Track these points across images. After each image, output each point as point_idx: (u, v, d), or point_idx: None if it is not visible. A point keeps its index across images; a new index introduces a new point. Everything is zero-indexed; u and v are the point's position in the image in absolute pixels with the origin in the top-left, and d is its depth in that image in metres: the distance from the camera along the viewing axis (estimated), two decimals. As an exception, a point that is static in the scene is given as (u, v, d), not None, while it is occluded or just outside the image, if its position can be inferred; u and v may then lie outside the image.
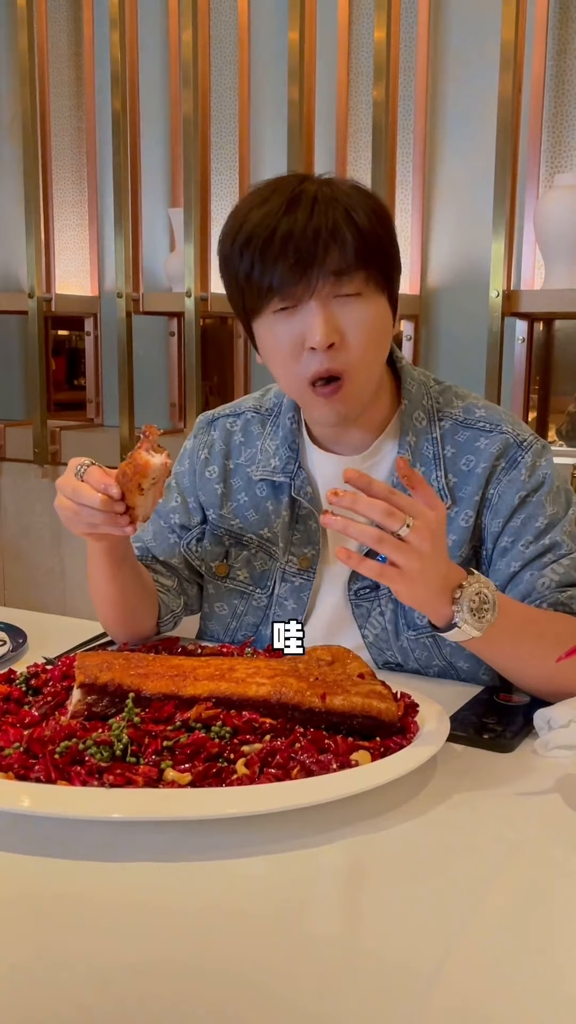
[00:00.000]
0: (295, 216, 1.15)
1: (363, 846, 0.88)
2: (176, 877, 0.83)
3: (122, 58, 2.74)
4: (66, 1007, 0.67)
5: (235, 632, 1.42)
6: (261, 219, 1.16)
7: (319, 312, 1.16)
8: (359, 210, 1.17)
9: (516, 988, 0.69)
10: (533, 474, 1.27)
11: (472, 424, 1.30)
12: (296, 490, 1.34)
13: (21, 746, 0.95)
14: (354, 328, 1.18)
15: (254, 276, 1.18)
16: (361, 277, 1.17)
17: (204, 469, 1.43)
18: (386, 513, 1.00)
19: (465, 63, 2.49)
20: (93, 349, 3.20)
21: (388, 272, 1.20)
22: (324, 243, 1.14)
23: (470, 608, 1.04)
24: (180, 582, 1.44)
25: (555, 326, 2.56)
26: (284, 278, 1.15)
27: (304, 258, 1.14)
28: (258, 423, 1.41)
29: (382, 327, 1.22)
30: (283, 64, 2.55)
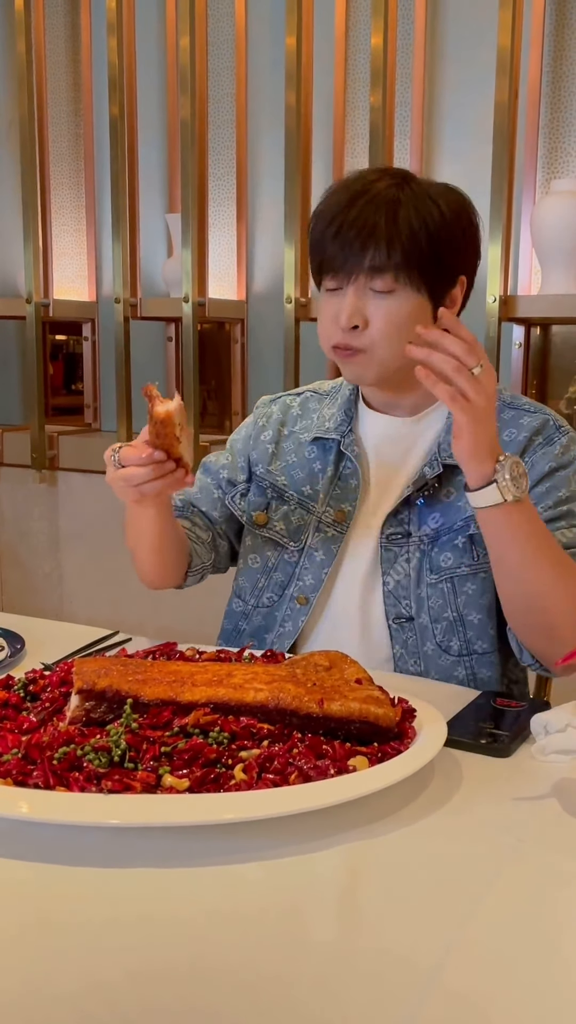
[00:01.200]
0: (350, 213, 1.29)
1: (361, 851, 0.88)
2: (174, 882, 0.83)
3: (120, 63, 2.74)
4: (65, 1013, 0.67)
5: (261, 592, 1.49)
6: (329, 206, 1.32)
7: (351, 299, 1.30)
8: (410, 215, 1.28)
9: (514, 992, 0.69)
10: (566, 452, 1.37)
11: (518, 406, 1.41)
12: (345, 446, 1.44)
13: (19, 752, 0.95)
14: (380, 318, 1.30)
15: (315, 252, 1.34)
16: (392, 276, 1.28)
17: (260, 434, 1.54)
18: (466, 351, 1.13)
19: (462, 69, 2.50)
20: (91, 354, 3.21)
21: (430, 274, 1.30)
22: (363, 242, 1.28)
23: (511, 472, 1.16)
24: (214, 537, 1.54)
25: (552, 331, 2.56)
26: (332, 262, 1.31)
27: (346, 251, 1.29)
28: (316, 400, 1.54)
29: (411, 322, 1.30)
30: (280, 70, 2.56)
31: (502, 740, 1.07)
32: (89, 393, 3.24)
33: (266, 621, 1.47)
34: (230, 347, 2.95)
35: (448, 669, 1.37)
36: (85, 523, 3.03)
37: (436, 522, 1.38)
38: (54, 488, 3.09)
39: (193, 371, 2.71)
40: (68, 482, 3.06)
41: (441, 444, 1.38)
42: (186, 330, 2.70)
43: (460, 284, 1.36)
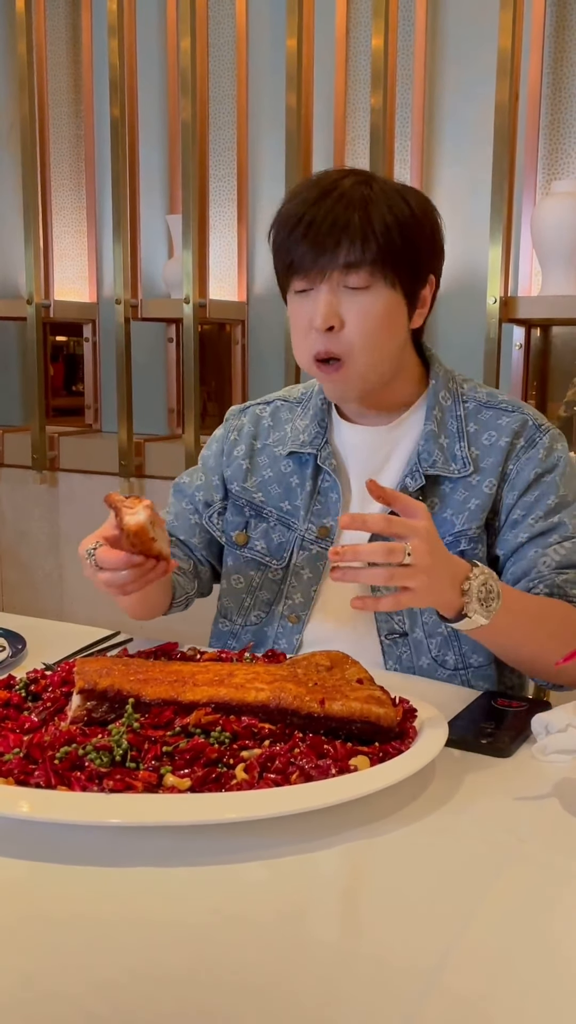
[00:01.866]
0: (320, 208, 1.25)
1: (362, 851, 0.88)
2: (176, 882, 0.83)
3: (121, 65, 2.74)
4: (67, 1012, 0.67)
5: (248, 611, 1.46)
6: (294, 207, 1.28)
7: (325, 297, 1.27)
8: (383, 211, 1.25)
9: (515, 991, 0.69)
10: (550, 455, 1.35)
11: (495, 405, 1.39)
12: (322, 460, 1.41)
13: (21, 751, 0.95)
14: (356, 317, 1.27)
15: (281, 256, 1.30)
16: (368, 272, 1.25)
17: (232, 449, 1.50)
18: (386, 553, 1.05)
19: (462, 71, 2.50)
20: (91, 355, 3.21)
21: (404, 270, 1.27)
22: (336, 238, 1.24)
23: (479, 599, 1.12)
24: (195, 564, 1.51)
25: (552, 332, 2.57)
26: (302, 261, 1.27)
27: (318, 247, 1.25)
28: (287, 410, 1.49)
29: (388, 319, 1.28)
30: (281, 71, 2.56)
31: (503, 740, 1.08)
32: (90, 394, 3.24)
33: (256, 639, 1.45)
34: (231, 348, 2.95)
35: (444, 682, 1.36)
36: (85, 524, 3.01)
37: None
38: (54, 489, 3.09)
39: (194, 372, 2.71)
40: (69, 483, 3.07)
41: (421, 453, 1.35)
42: (187, 331, 2.70)
43: (430, 284, 1.34)
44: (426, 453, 1.34)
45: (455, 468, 1.34)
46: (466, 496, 1.34)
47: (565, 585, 1.29)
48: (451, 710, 1.14)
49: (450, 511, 1.34)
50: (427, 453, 1.34)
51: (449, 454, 1.35)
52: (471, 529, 1.34)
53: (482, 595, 1.11)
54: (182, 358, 2.85)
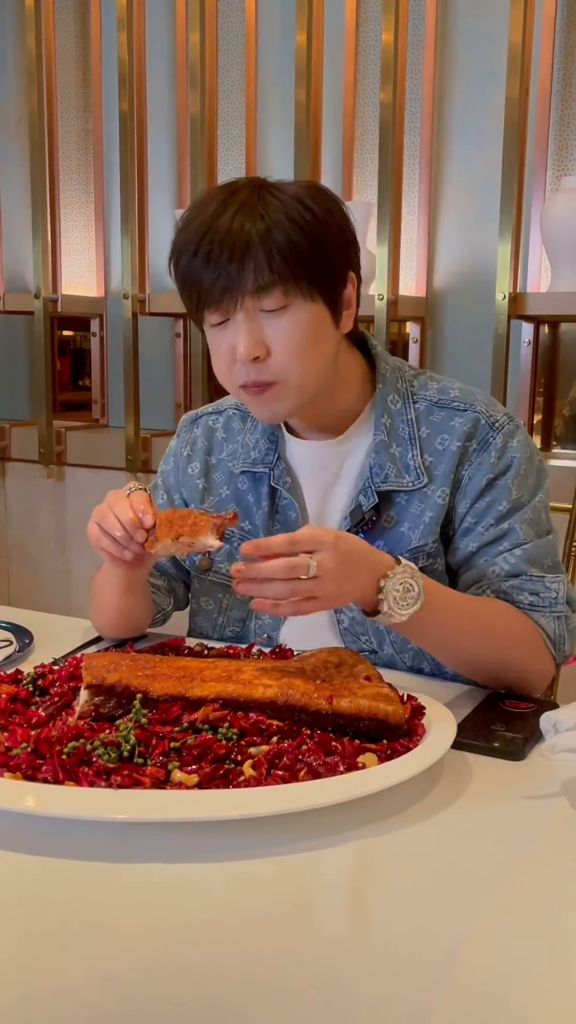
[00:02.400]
0: (216, 232, 1.16)
1: (370, 848, 0.88)
2: (183, 878, 0.83)
3: (129, 59, 2.74)
4: (73, 1007, 0.67)
5: (223, 628, 1.44)
6: (191, 233, 1.19)
7: (243, 327, 1.19)
8: (279, 219, 1.16)
9: (523, 987, 0.69)
10: (502, 457, 1.29)
11: (447, 404, 1.31)
12: (275, 480, 1.36)
13: (29, 746, 0.95)
14: (281, 340, 1.20)
15: (187, 289, 1.22)
16: (281, 291, 1.17)
17: (187, 466, 1.46)
18: (288, 570, 1.04)
19: (472, 66, 2.49)
20: (99, 350, 3.21)
21: (318, 279, 1.20)
22: (239, 261, 1.16)
23: (394, 598, 1.11)
24: (169, 581, 1.48)
25: (561, 329, 2.56)
26: (211, 293, 1.19)
27: (223, 276, 1.17)
28: (239, 419, 1.44)
29: (314, 335, 1.22)
30: (290, 66, 2.55)
31: (515, 743, 1.06)
32: (97, 389, 3.24)
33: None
34: (238, 343, 2.94)
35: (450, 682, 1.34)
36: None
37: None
38: (61, 483, 3.09)
39: (202, 367, 2.71)
40: (75, 477, 3.07)
41: (372, 467, 1.30)
42: (194, 326, 2.69)
43: (351, 283, 1.26)
44: (377, 467, 1.29)
45: (408, 481, 1.29)
46: (421, 509, 1.29)
47: (511, 591, 1.26)
48: (457, 711, 1.14)
49: (407, 525, 1.30)
50: (379, 467, 1.29)
51: (402, 465, 1.29)
52: (427, 544, 1.30)
53: (398, 594, 1.10)
54: (190, 353, 2.85)
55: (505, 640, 1.23)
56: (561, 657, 1.26)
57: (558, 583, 1.27)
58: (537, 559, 1.27)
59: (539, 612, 1.25)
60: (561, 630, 1.26)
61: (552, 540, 1.31)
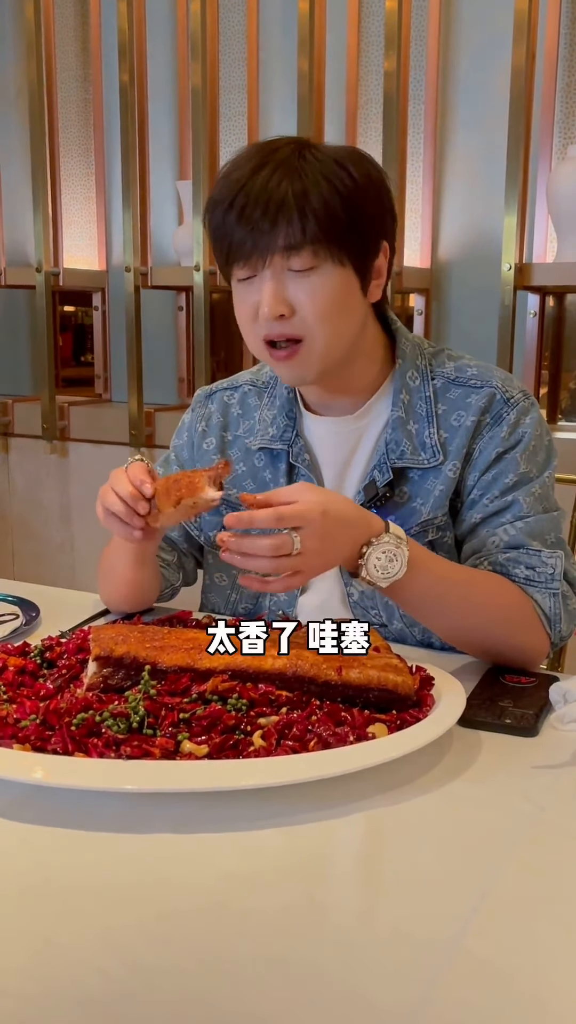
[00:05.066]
0: (252, 187, 1.16)
1: (381, 818, 0.88)
2: (193, 849, 0.83)
3: (129, 29, 2.71)
4: (87, 976, 0.67)
5: (235, 605, 1.44)
6: (227, 186, 1.19)
7: (269, 284, 1.19)
8: (318, 181, 1.16)
9: (538, 957, 0.69)
10: (514, 432, 1.28)
11: (464, 382, 1.31)
12: (294, 456, 1.35)
13: (38, 718, 0.95)
14: (306, 301, 1.19)
15: (218, 242, 1.22)
16: (310, 252, 1.17)
17: (202, 441, 1.45)
18: (273, 549, 1.04)
19: (477, 33, 2.46)
20: (101, 324, 3.19)
21: (350, 244, 1.19)
22: (272, 218, 1.15)
23: (374, 564, 1.10)
24: (179, 556, 1.48)
25: (567, 300, 2.54)
26: (241, 247, 1.19)
27: (255, 231, 1.17)
28: (255, 395, 1.43)
29: (340, 299, 1.21)
30: (293, 34, 2.52)
31: (527, 719, 1.05)
32: (99, 363, 3.23)
33: None
34: (241, 317, 2.93)
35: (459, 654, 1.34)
36: (95, 493, 3.01)
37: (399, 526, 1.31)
38: (65, 459, 3.09)
39: (204, 341, 2.70)
40: (79, 452, 3.06)
41: (388, 443, 1.29)
42: (197, 299, 2.68)
43: (383, 252, 1.25)
44: (393, 443, 1.29)
45: (424, 458, 1.28)
46: (434, 483, 1.29)
47: (507, 564, 1.25)
48: (462, 680, 1.13)
49: (419, 500, 1.30)
50: (395, 443, 1.29)
51: (418, 442, 1.29)
52: (437, 517, 1.30)
53: (379, 561, 1.10)
54: (192, 327, 2.83)
55: (495, 613, 1.21)
56: (557, 636, 1.24)
57: (556, 559, 1.25)
58: (539, 533, 1.26)
59: (534, 587, 1.24)
60: (557, 608, 1.24)
61: (557, 517, 1.29)
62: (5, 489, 3.24)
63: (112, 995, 0.65)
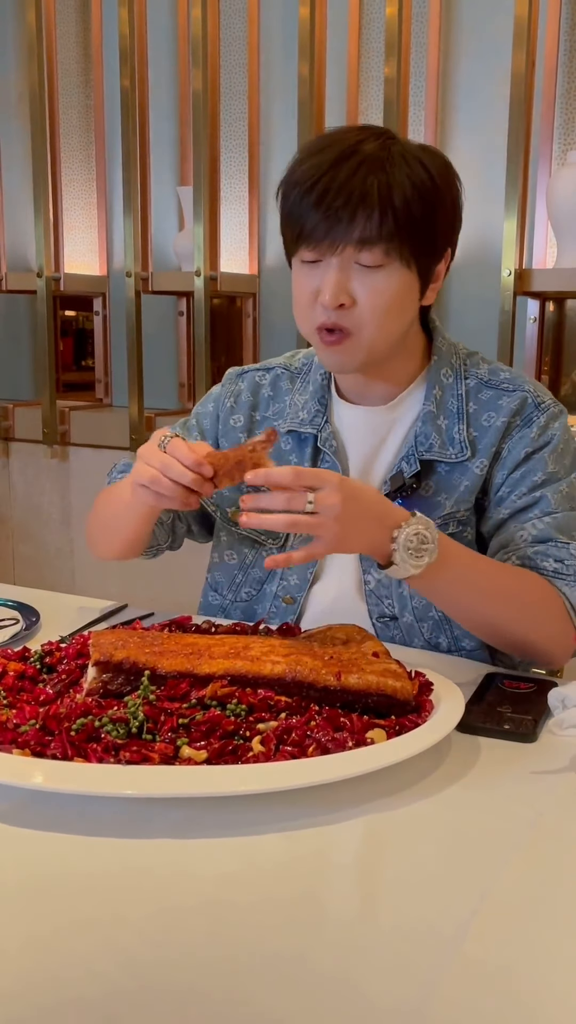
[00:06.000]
0: (336, 176, 1.16)
1: (380, 823, 0.88)
2: (192, 854, 0.83)
3: (131, 35, 2.71)
4: (88, 981, 0.67)
5: (239, 587, 1.44)
6: (309, 170, 1.19)
7: (335, 273, 1.19)
8: (403, 181, 1.17)
9: (537, 959, 0.69)
10: (543, 433, 1.31)
11: (496, 384, 1.34)
12: (322, 442, 1.36)
13: (37, 723, 0.95)
14: (367, 296, 1.20)
15: (291, 222, 1.22)
16: (383, 249, 1.18)
17: (229, 417, 1.44)
18: (286, 501, 1.05)
19: (477, 39, 2.47)
20: (102, 329, 3.19)
21: (421, 247, 1.20)
22: (352, 210, 1.16)
23: (406, 547, 1.10)
24: (174, 520, 1.48)
25: (567, 305, 2.54)
26: (313, 232, 1.19)
27: (332, 219, 1.17)
28: (287, 379, 1.44)
29: (400, 299, 1.22)
30: (293, 41, 2.53)
31: (526, 724, 1.05)
32: (100, 368, 3.23)
33: (245, 615, 1.43)
34: (242, 322, 2.94)
35: (459, 657, 1.34)
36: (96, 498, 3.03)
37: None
38: (65, 463, 3.09)
39: (205, 346, 2.70)
40: (79, 457, 3.06)
41: (418, 436, 1.31)
42: (198, 304, 2.68)
43: (445, 258, 1.27)
44: (423, 436, 1.31)
45: (452, 452, 1.30)
46: (460, 479, 1.31)
47: (536, 557, 1.25)
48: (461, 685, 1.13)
49: (444, 495, 1.31)
50: (424, 436, 1.30)
51: (447, 437, 1.31)
52: (459, 511, 1.31)
53: (412, 544, 1.10)
54: (193, 332, 2.84)
55: (521, 604, 1.22)
56: None
57: None
58: (567, 528, 1.28)
59: (562, 580, 1.24)
60: None
61: None
62: (6, 494, 3.24)
63: (112, 999, 0.65)
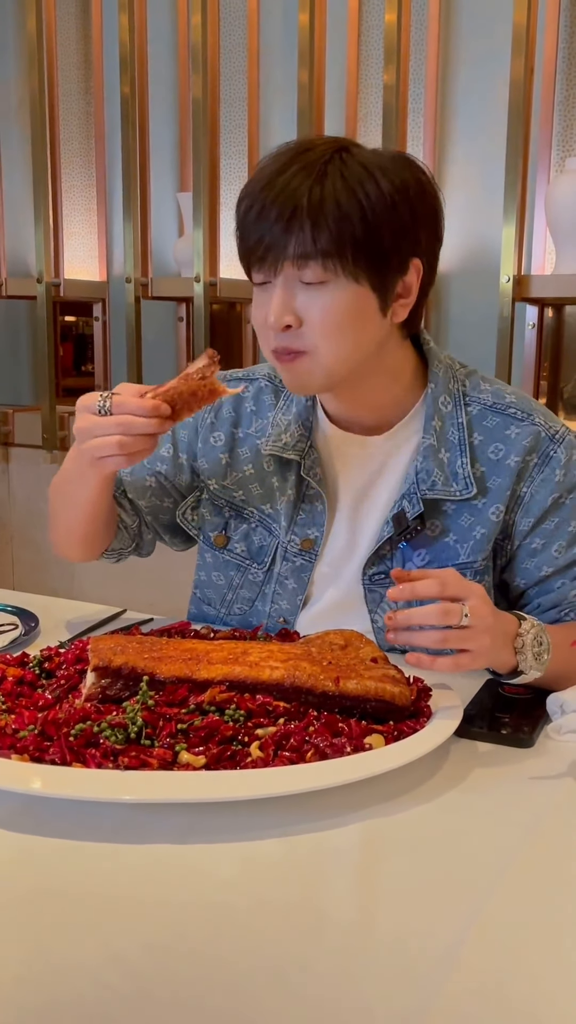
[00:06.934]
0: (274, 187, 1.12)
1: (378, 829, 0.88)
2: (191, 859, 0.83)
3: (131, 41, 2.72)
4: (86, 987, 0.67)
5: (231, 604, 1.42)
6: (255, 182, 1.15)
7: (279, 294, 1.14)
8: (340, 193, 1.10)
9: (534, 968, 0.69)
10: (568, 473, 1.25)
11: (502, 410, 1.27)
12: (306, 470, 1.30)
13: (36, 728, 0.95)
14: (314, 315, 1.14)
15: (239, 241, 1.18)
16: (320, 266, 1.12)
17: (209, 434, 1.37)
18: (442, 615, 1.02)
19: (476, 46, 2.47)
20: (101, 334, 3.19)
21: (368, 262, 1.13)
22: (286, 223, 1.11)
23: (534, 655, 1.10)
24: (140, 526, 1.44)
25: (565, 312, 2.55)
26: (255, 249, 1.15)
27: (269, 236, 1.12)
28: (271, 393, 1.37)
29: (352, 316, 1.15)
30: (293, 47, 2.53)
31: (523, 730, 1.06)
32: (100, 373, 3.23)
33: (241, 625, 1.41)
34: (241, 327, 2.94)
35: None
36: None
37: (423, 560, 1.27)
38: (65, 469, 3.08)
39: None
40: (79, 463, 3.06)
41: (419, 472, 1.24)
42: (197, 310, 2.69)
43: (415, 269, 1.17)
44: (424, 473, 1.24)
45: (456, 489, 1.24)
46: (471, 522, 1.26)
47: None
48: (460, 690, 1.14)
49: (454, 537, 1.26)
50: (425, 473, 1.24)
51: (450, 472, 1.25)
52: (477, 562, 1.27)
53: (536, 650, 1.09)
54: (192, 337, 2.84)
55: None
56: None
57: None
58: None
59: None
60: None
61: None
62: (5, 499, 3.24)
63: (111, 1005, 0.65)
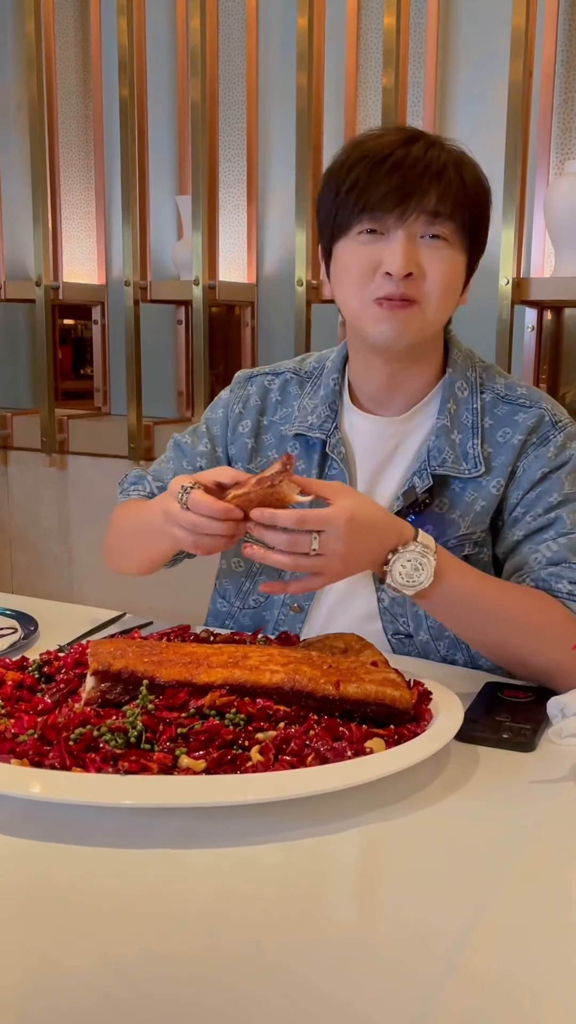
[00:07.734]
0: (410, 149, 1.20)
1: (378, 833, 0.88)
2: (191, 864, 0.83)
3: (130, 45, 2.72)
4: (85, 992, 0.67)
5: (247, 595, 1.43)
6: (378, 145, 1.21)
7: (404, 242, 1.20)
8: (466, 167, 1.23)
9: (535, 971, 0.69)
10: (560, 453, 1.30)
11: (513, 400, 1.33)
12: (331, 448, 1.35)
13: (35, 733, 0.95)
14: (434, 268, 1.21)
15: (356, 191, 1.21)
16: (451, 226, 1.21)
17: (238, 423, 1.44)
18: (290, 544, 1.07)
19: (475, 49, 2.47)
20: (100, 337, 3.19)
21: (475, 235, 1.24)
22: (429, 179, 1.19)
23: (399, 572, 1.12)
24: None
25: (565, 314, 2.55)
26: (382, 202, 1.19)
27: (407, 187, 1.18)
28: (296, 384, 1.43)
29: (456, 280, 1.24)
30: (292, 51, 2.53)
31: (524, 734, 1.05)
32: (99, 377, 3.23)
33: (253, 622, 1.43)
34: (241, 330, 2.94)
35: (457, 666, 1.34)
36: (94, 507, 3.03)
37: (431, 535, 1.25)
38: (64, 472, 3.09)
39: (203, 355, 2.70)
40: (78, 466, 3.06)
41: (431, 450, 1.30)
42: (196, 313, 2.69)
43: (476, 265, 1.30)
44: (436, 451, 1.30)
45: (465, 468, 1.29)
46: (474, 497, 1.30)
47: (550, 579, 1.24)
48: (461, 695, 1.13)
49: (458, 512, 1.30)
50: (437, 451, 1.30)
51: (460, 452, 1.30)
52: (475, 533, 1.31)
53: (404, 569, 1.11)
54: (192, 340, 2.84)
55: (532, 627, 1.20)
56: None
57: None
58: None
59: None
60: None
61: None
62: (4, 502, 3.24)
63: (109, 1010, 0.65)
